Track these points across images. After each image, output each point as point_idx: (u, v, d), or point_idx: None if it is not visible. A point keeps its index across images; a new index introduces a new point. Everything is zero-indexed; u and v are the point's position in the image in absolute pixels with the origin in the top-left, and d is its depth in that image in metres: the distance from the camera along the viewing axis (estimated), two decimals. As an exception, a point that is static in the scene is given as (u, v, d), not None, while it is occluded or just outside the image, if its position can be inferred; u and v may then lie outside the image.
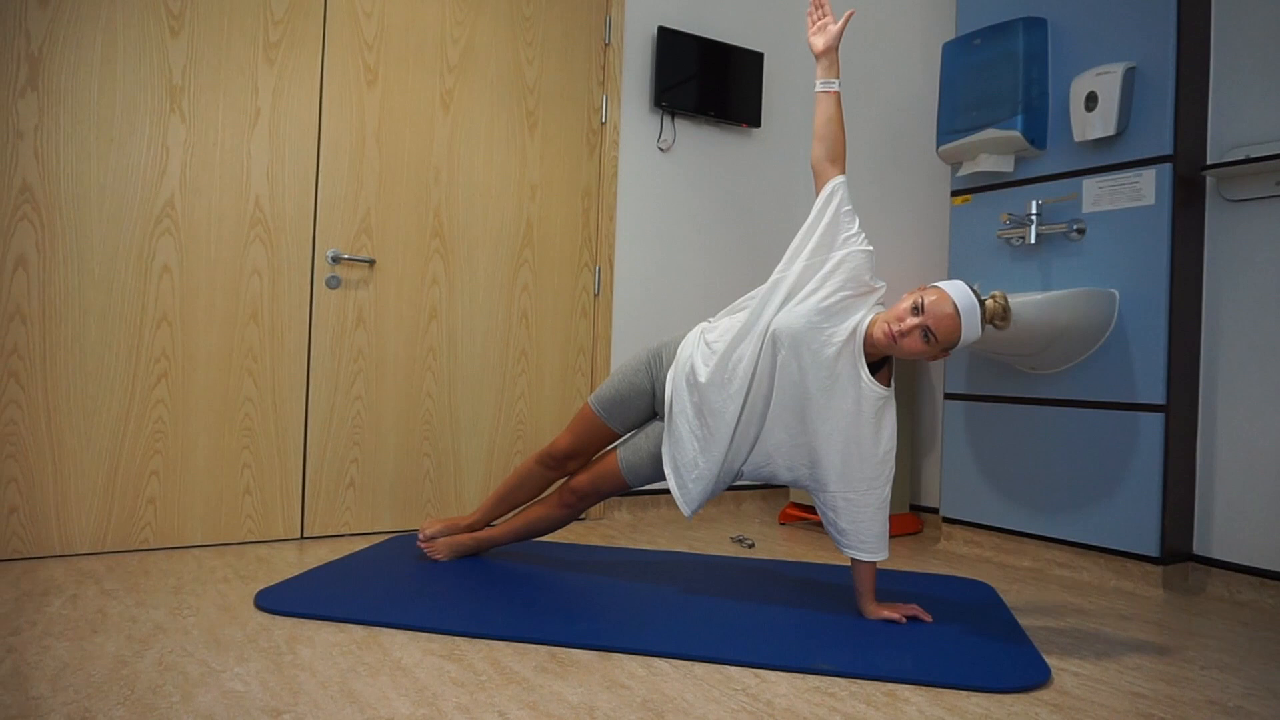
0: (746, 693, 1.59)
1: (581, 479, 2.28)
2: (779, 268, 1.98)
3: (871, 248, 1.98)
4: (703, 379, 2.01)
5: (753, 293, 2.04)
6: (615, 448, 2.27)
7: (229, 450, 2.64)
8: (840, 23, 2.05)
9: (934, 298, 1.84)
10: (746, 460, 2.05)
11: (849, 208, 1.98)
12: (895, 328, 1.85)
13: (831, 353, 1.90)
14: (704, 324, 2.14)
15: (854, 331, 1.91)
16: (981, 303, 1.87)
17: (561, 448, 2.29)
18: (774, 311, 1.94)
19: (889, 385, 1.97)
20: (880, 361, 1.96)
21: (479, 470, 3.08)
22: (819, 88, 2.05)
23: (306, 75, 2.75)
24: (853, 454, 1.94)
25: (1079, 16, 2.65)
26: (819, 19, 2.08)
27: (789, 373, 1.93)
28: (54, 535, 2.41)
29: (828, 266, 1.94)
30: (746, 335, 1.97)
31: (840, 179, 2.01)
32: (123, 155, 2.48)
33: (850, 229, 1.97)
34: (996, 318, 1.89)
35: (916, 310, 1.84)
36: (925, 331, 1.84)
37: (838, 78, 2.05)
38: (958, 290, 1.86)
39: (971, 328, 1.85)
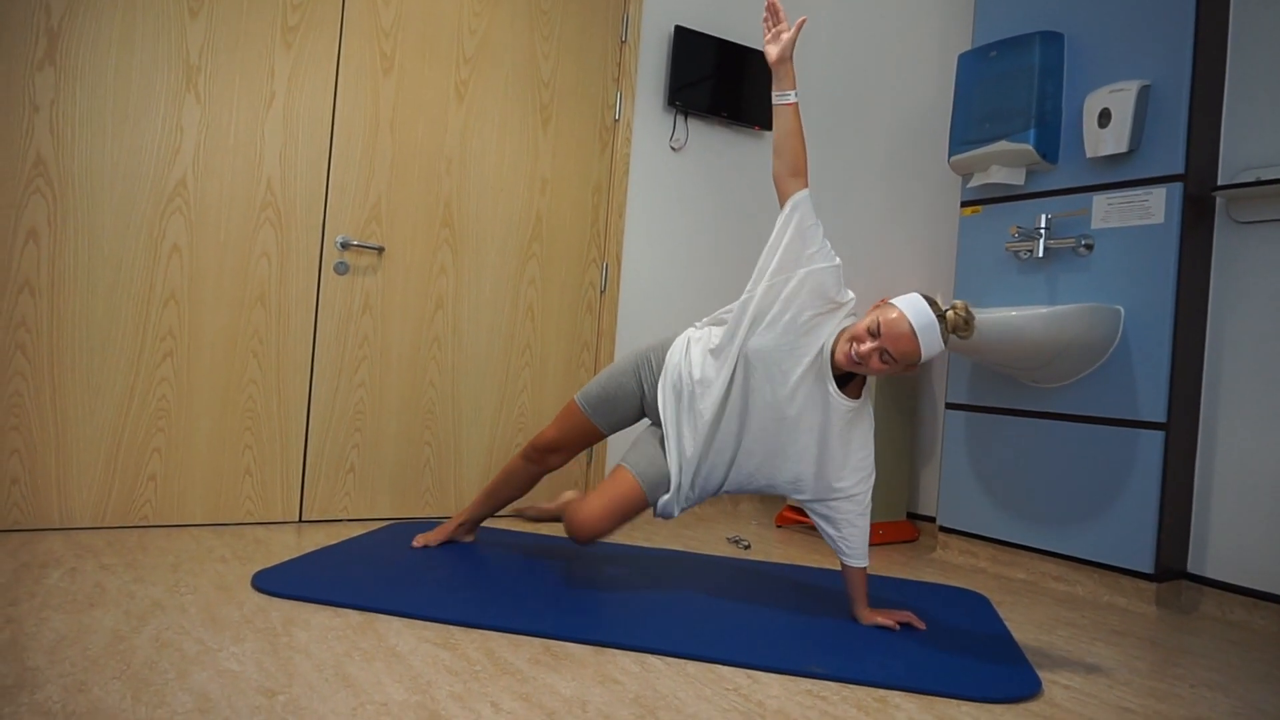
0: (738, 693, 1.59)
1: (605, 524, 2.07)
2: (748, 286, 1.96)
3: (838, 261, 1.93)
4: (685, 395, 2.04)
5: (730, 306, 2.05)
6: (630, 472, 2.12)
7: (231, 431, 2.65)
8: (793, 30, 1.92)
9: (891, 317, 1.81)
10: (726, 480, 2.07)
11: (813, 221, 1.92)
12: (854, 350, 1.84)
13: (800, 371, 1.92)
14: (690, 331, 2.15)
15: (821, 349, 1.92)
16: (942, 315, 1.85)
17: (546, 440, 2.30)
18: (744, 334, 1.94)
19: (859, 397, 1.97)
20: (852, 374, 1.96)
21: (479, 461, 3.08)
22: (776, 100, 1.93)
23: (323, 60, 2.76)
24: (826, 467, 1.98)
25: (1096, 33, 2.65)
26: (774, 26, 1.94)
27: (762, 395, 1.96)
28: (54, 508, 2.42)
29: (790, 286, 1.91)
30: (720, 355, 1.99)
31: (803, 193, 1.93)
32: (137, 133, 2.49)
33: (814, 244, 1.91)
34: (959, 329, 1.85)
35: (873, 333, 1.82)
36: (883, 353, 1.82)
37: (794, 88, 1.94)
38: (914, 308, 1.82)
39: (931, 344, 1.82)
